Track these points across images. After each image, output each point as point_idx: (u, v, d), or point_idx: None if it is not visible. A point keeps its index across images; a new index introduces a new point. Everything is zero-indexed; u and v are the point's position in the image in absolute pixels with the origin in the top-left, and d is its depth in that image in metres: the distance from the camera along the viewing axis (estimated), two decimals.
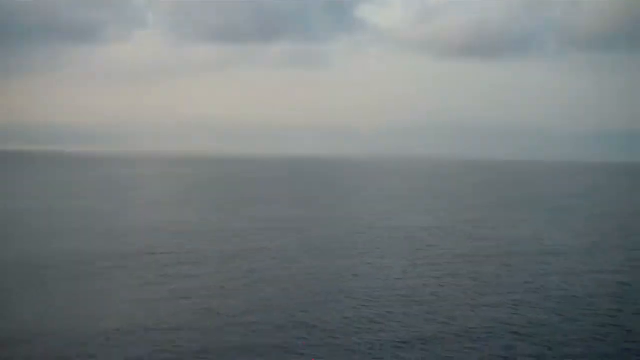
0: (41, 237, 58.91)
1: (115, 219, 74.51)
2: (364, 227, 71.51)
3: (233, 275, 43.88)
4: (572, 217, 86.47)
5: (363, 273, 44.92)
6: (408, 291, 39.42)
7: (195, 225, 69.68)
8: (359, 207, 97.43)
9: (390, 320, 33.20)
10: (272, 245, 56.79)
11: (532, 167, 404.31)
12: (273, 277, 43.15)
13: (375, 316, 33.78)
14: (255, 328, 31.31)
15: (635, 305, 37.03)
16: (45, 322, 31.92)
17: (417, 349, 28.74)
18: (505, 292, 39.79)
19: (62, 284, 40.07)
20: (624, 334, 31.43)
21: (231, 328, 31.30)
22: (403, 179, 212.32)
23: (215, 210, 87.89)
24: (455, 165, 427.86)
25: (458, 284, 41.82)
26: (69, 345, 28.35)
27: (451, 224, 76.36)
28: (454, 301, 37.32)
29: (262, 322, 32.25)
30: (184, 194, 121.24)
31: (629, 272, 47.05)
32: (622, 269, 48.38)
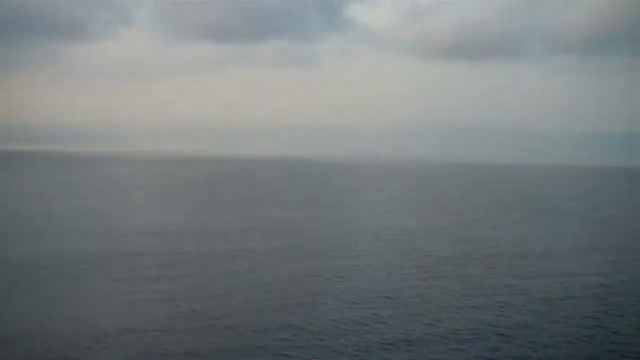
0: (25, 238, 58.53)
1: (109, 220, 74.11)
2: (351, 229, 71.58)
3: (220, 276, 43.80)
4: (559, 220, 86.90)
5: (350, 275, 44.96)
6: (394, 293, 39.50)
7: (186, 227, 69.45)
8: (348, 208, 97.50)
9: (376, 322, 33.25)
10: (259, 246, 56.75)
11: (522, 170, 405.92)
12: (259, 279, 43.10)
13: (362, 318, 33.82)
14: (242, 330, 31.25)
15: (619, 307, 37.27)
16: (29, 324, 31.70)
17: (403, 351, 28.81)
18: (491, 294, 39.98)
19: (50, 285, 39.81)
20: (609, 336, 31.64)
21: (218, 330, 31.23)
22: (393, 180, 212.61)
23: (206, 211, 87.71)
24: (445, 167, 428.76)
25: (444, 286, 41.95)
26: (55, 348, 28.18)
27: (438, 226, 76.57)
28: (440, 303, 37.44)
29: (248, 324, 32.20)
30: (176, 195, 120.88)
31: (610, 275, 47.37)
32: (605, 271, 48.71)
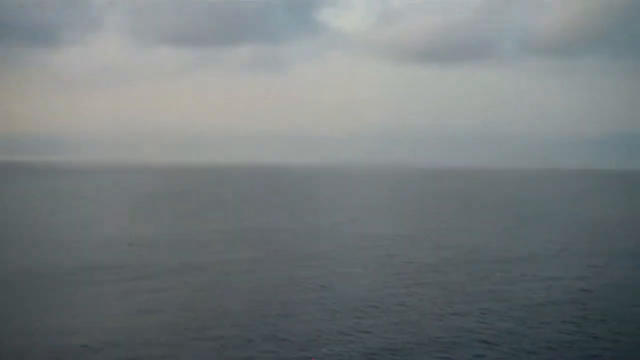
0: (2, 251, 57.73)
1: (78, 232, 73.37)
2: (329, 237, 71.47)
3: (197, 287, 43.51)
4: (538, 224, 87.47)
5: (330, 284, 44.84)
6: (376, 302, 39.44)
7: (158, 238, 68.86)
8: (325, 216, 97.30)
9: (359, 330, 33.18)
10: (238, 256, 56.46)
11: (498, 174, 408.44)
12: (240, 289, 42.88)
13: (344, 327, 33.73)
14: (224, 342, 31.02)
15: (599, 312, 37.52)
16: (7, 340, 31.20)
17: (387, 359, 28.76)
18: (472, 300, 40.06)
19: (25, 300, 39.23)
20: (589, 340, 31.83)
21: (200, 342, 30.96)
22: (368, 186, 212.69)
23: (177, 221, 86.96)
24: (420, 172, 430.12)
25: (425, 294, 41.99)
26: None
27: (417, 232, 76.73)
28: (422, 310, 37.45)
29: (230, 336, 31.98)
30: (144, 205, 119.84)
31: (591, 279, 47.71)
32: (585, 275, 49.05)
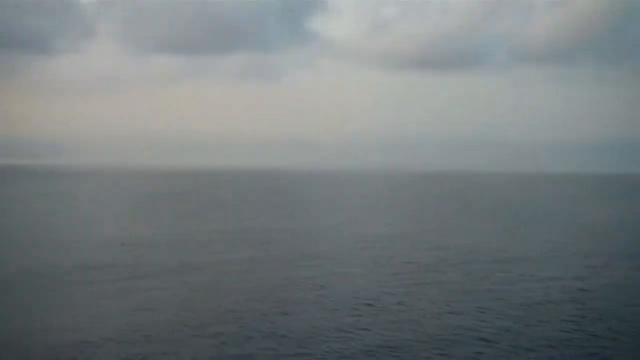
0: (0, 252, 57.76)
1: (75, 233, 73.37)
2: (327, 238, 71.56)
3: (197, 286, 43.54)
4: (532, 227, 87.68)
5: (329, 283, 44.88)
6: (374, 300, 39.50)
7: (157, 238, 68.89)
8: (323, 217, 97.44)
9: (357, 328, 33.23)
10: (235, 256, 56.50)
11: (492, 179, 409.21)
12: (238, 288, 42.88)
13: (343, 325, 33.77)
14: (224, 339, 31.03)
15: (598, 311, 37.61)
16: (6, 337, 31.19)
17: (387, 356, 28.79)
18: (470, 299, 40.13)
19: (25, 298, 39.21)
20: (589, 339, 31.91)
21: (200, 339, 30.97)
22: (362, 191, 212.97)
23: (176, 222, 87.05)
24: (414, 177, 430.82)
25: (424, 293, 42.06)
26: None
27: (413, 233, 76.90)
28: (421, 309, 37.51)
29: (230, 333, 32.00)
30: (143, 207, 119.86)
31: (589, 279, 47.84)
32: (584, 275, 49.18)
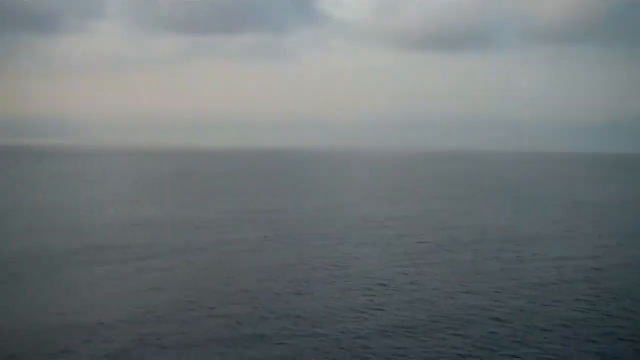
0: (11, 234, 57.87)
1: (85, 214, 73.46)
2: (338, 217, 71.44)
3: (208, 266, 43.53)
4: (541, 206, 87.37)
5: (341, 263, 44.80)
6: (388, 280, 39.41)
7: (174, 219, 68.90)
8: (332, 197, 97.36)
9: (372, 308, 33.15)
10: (246, 236, 56.44)
11: (500, 157, 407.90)
12: (250, 268, 42.86)
13: (357, 305, 33.70)
14: (238, 319, 30.99)
15: (612, 291, 37.43)
16: (23, 318, 31.27)
17: (402, 336, 28.71)
18: (483, 279, 39.99)
19: (37, 280, 39.31)
20: (603, 318, 31.76)
21: (213, 319, 30.95)
22: (372, 170, 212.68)
23: (185, 203, 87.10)
24: (425, 156, 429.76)
25: (436, 273, 41.95)
26: (51, 341, 27.78)
27: (424, 213, 76.74)
28: (434, 289, 37.40)
29: (243, 313, 31.95)
30: (152, 187, 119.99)
31: (602, 258, 47.64)
32: (596, 254, 48.97)
